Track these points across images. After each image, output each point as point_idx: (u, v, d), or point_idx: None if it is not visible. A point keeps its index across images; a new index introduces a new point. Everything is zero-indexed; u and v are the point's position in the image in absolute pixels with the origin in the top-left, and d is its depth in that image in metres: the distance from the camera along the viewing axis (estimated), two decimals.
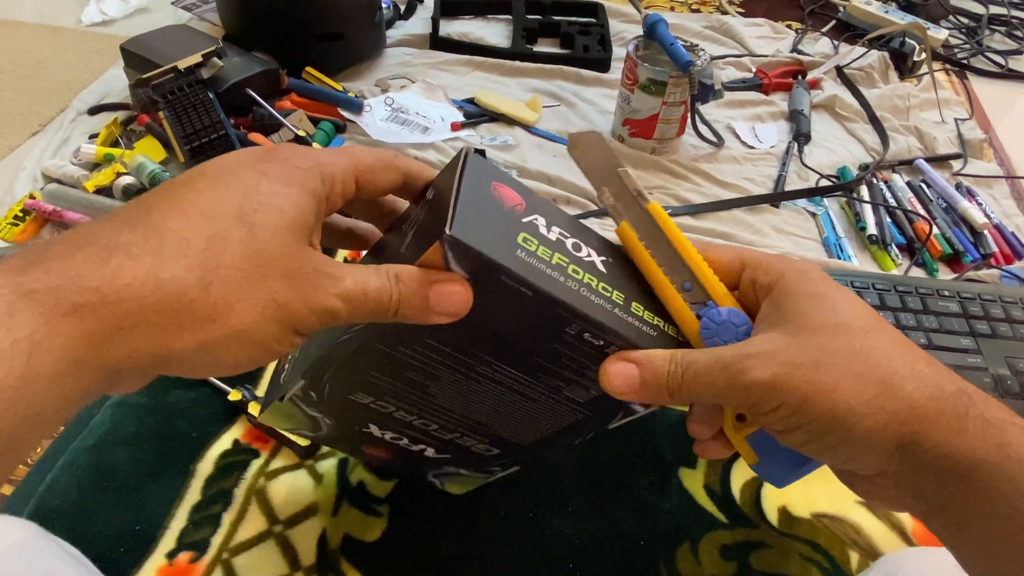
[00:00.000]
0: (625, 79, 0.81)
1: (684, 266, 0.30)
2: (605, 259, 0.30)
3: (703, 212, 0.76)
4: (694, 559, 0.46)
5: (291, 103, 0.83)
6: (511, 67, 0.97)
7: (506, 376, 0.32)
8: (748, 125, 0.91)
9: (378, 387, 0.34)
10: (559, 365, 0.31)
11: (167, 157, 0.76)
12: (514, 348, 0.30)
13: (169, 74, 0.74)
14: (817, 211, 0.78)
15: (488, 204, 0.27)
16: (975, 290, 0.61)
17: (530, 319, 0.28)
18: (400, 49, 0.99)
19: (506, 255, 0.26)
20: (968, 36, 1.17)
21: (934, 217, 0.76)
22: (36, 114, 0.85)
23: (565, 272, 0.27)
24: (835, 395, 0.26)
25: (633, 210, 0.31)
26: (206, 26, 0.98)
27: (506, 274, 0.26)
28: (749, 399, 0.27)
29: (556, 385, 0.32)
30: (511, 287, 0.26)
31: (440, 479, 0.46)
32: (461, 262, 0.26)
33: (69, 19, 1.06)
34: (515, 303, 0.27)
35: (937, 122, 0.94)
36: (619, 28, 1.09)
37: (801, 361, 0.27)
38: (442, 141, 0.82)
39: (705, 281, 0.30)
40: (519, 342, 0.30)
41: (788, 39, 1.10)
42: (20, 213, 0.68)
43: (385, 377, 0.33)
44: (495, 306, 0.27)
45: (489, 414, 0.36)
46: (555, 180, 0.78)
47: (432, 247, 0.25)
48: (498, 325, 0.29)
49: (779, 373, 0.26)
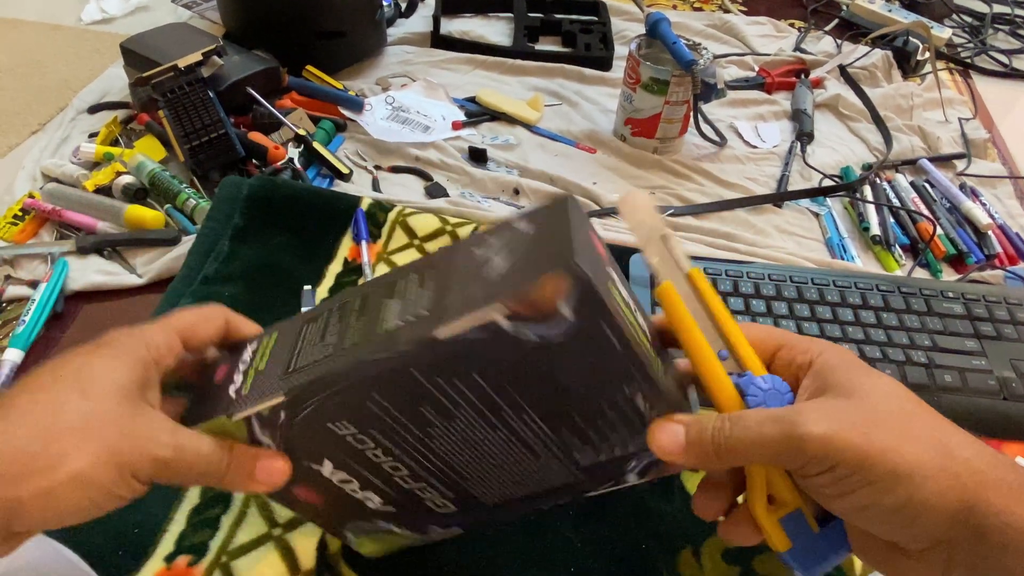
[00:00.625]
0: (627, 78, 0.81)
1: (721, 334, 0.30)
2: (645, 322, 0.29)
3: (706, 212, 0.75)
4: (696, 563, 0.45)
5: (291, 102, 0.83)
6: (512, 66, 0.96)
7: (527, 427, 0.30)
8: (751, 124, 0.90)
9: (373, 417, 0.30)
10: (592, 424, 0.30)
11: (167, 156, 0.75)
12: (558, 399, 0.29)
13: (169, 73, 0.73)
14: (820, 211, 0.77)
15: (589, 248, 0.26)
16: (979, 291, 0.61)
17: (600, 372, 0.27)
18: (401, 47, 0.99)
19: (610, 301, 0.25)
20: (972, 35, 1.16)
21: (938, 217, 0.76)
22: (35, 113, 0.85)
23: (635, 332, 0.27)
24: (897, 454, 0.25)
25: (675, 275, 0.31)
26: (206, 24, 0.98)
27: (608, 321, 0.25)
28: (803, 456, 0.26)
29: (572, 444, 0.31)
30: (604, 335, 0.26)
31: (357, 533, 0.39)
32: (570, 297, 0.24)
33: (69, 17, 1.05)
34: (597, 352, 0.26)
35: (941, 121, 0.94)
36: (621, 26, 1.08)
37: (857, 420, 0.26)
38: (443, 140, 0.82)
39: (743, 351, 0.30)
40: (569, 394, 0.28)
41: (791, 38, 1.10)
42: (19, 212, 0.68)
43: (392, 408, 0.30)
44: (574, 350, 0.26)
45: (478, 465, 0.33)
46: (556, 179, 0.78)
47: (547, 276, 0.24)
48: (562, 373, 0.27)
49: (836, 428, 0.25)
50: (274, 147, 0.74)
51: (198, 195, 0.70)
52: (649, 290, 0.59)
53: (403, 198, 0.71)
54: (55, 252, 0.64)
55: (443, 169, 0.79)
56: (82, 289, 0.62)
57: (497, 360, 0.26)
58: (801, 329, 0.57)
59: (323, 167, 0.76)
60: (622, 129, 0.84)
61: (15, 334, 0.56)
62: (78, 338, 0.59)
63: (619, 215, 0.34)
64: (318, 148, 0.76)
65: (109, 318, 0.61)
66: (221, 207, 0.65)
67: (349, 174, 0.75)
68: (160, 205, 0.70)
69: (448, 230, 0.66)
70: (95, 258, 0.65)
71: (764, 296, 0.59)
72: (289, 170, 0.74)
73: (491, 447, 0.32)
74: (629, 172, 0.81)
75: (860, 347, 0.56)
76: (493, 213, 0.69)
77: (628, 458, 0.32)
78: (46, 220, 0.69)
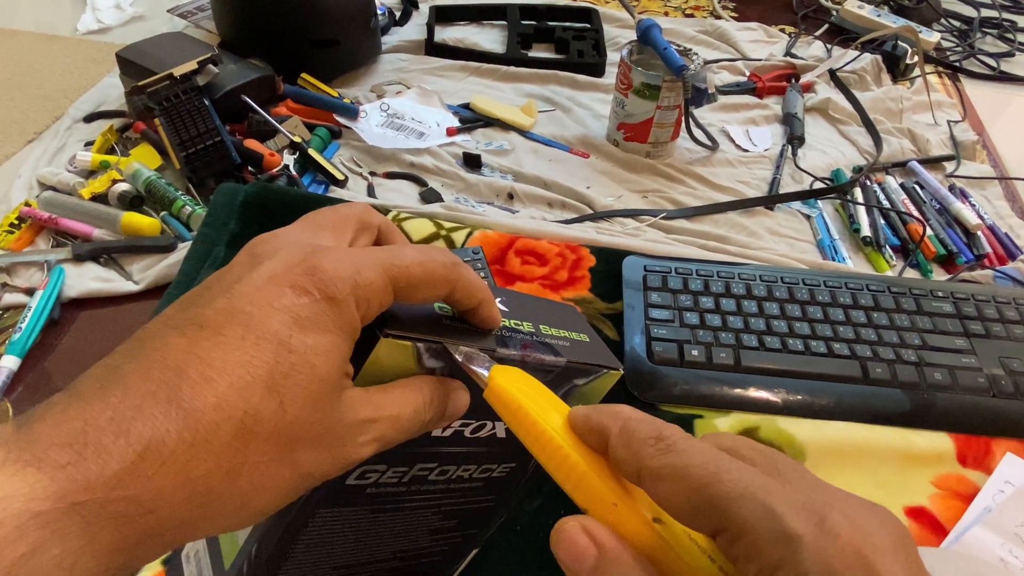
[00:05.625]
0: (619, 83, 0.82)
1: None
2: (502, 299, 0.30)
3: (698, 215, 0.76)
4: None
5: (287, 109, 0.83)
6: (506, 72, 0.97)
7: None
8: (742, 128, 0.91)
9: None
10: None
11: (163, 164, 0.76)
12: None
13: (165, 81, 0.74)
14: (811, 213, 0.78)
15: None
16: (969, 291, 0.61)
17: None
18: (395, 55, 0.99)
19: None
20: (960, 39, 1.17)
21: (928, 218, 0.76)
22: (32, 121, 0.85)
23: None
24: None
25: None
26: (202, 33, 0.98)
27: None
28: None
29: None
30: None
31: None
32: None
33: (65, 27, 1.06)
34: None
35: (930, 124, 0.95)
36: (613, 33, 1.09)
37: None
38: (438, 146, 0.83)
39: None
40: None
41: (781, 43, 1.11)
42: (16, 220, 0.68)
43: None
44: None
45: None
46: (551, 184, 0.78)
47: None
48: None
49: None
50: (269, 154, 0.75)
51: (194, 202, 0.70)
52: (642, 292, 0.60)
53: (398, 203, 0.71)
54: (51, 259, 0.65)
55: (438, 175, 0.79)
56: (78, 296, 0.62)
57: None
58: (792, 329, 0.57)
59: (318, 174, 0.76)
60: (615, 134, 0.85)
61: (12, 341, 0.56)
62: (74, 345, 0.59)
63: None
64: (313, 155, 0.77)
65: (106, 325, 0.61)
66: (217, 214, 0.66)
67: (344, 180, 0.76)
68: (156, 212, 0.70)
69: (443, 234, 0.66)
70: (91, 265, 0.65)
71: (756, 297, 0.59)
72: (285, 177, 0.74)
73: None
74: (622, 176, 0.82)
75: (851, 346, 0.56)
76: (488, 217, 0.70)
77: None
78: (42, 228, 0.69)
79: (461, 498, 0.33)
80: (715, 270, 0.62)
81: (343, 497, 0.28)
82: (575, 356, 0.29)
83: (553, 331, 0.30)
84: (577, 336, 0.31)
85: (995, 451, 0.52)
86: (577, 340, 0.31)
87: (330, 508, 0.29)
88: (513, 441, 0.25)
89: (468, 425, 0.29)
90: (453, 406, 0.26)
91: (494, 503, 0.36)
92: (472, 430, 0.29)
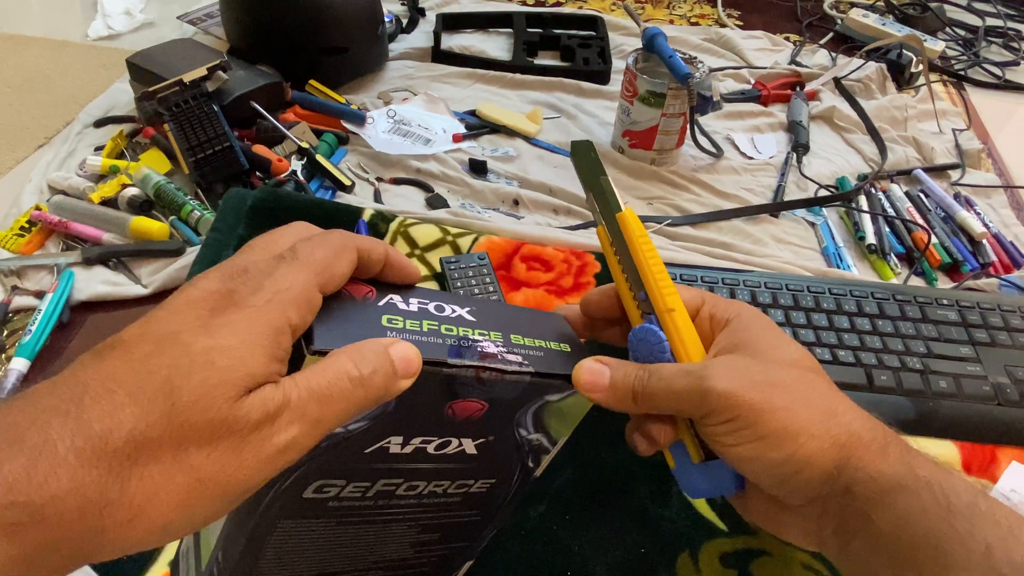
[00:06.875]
0: (625, 91, 0.82)
1: (641, 275, 0.32)
2: (470, 309, 0.30)
3: (703, 222, 0.76)
4: (694, 567, 0.46)
5: (295, 115, 0.84)
6: (512, 79, 0.98)
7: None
8: (747, 136, 0.91)
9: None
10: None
11: (172, 169, 0.76)
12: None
13: (174, 87, 0.75)
14: (816, 221, 0.78)
15: (343, 305, 0.26)
16: (974, 299, 0.61)
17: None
18: (402, 62, 1.00)
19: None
20: (965, 48, 1.18)
21: (933, 227, 0.76)
22: (42, 127, 0.86)
23: (439, 333, 0.27)
24: (789, 414, 0.28)
25: (609, 217, 0.34)
26: (211, 40, 0.99)
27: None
28: (706, 407, 0.29)
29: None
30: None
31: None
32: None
33: (76, 34, 1.07)
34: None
35: (935, 132, 0.95)
36: (619, 41, 1.10)
37: (759, 379, 0.29)
38: (444, 152, 0.83)
39: (651, 294, 0.32)
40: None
41: (786, 51, 1.11)
42: (26, 224, 0.69)
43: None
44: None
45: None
46: (556, 191, 0.79)
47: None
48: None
49: (739, 385, 0.29)
50: (277, 159, 0.76)
51: (202, 207, 0.71)
52: None
53: (404, 209, 0.72)
54: (61, 263, 0.65)
55: (444, 181, 0.80)
56: (88, 299, 0.62)
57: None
58: (797, 336, 0.58)
59: (326, 179, 0.77)
60: (620, 141, 0.85)
61: (22, 344, 0.57)
62: (83, 348, 0.59)
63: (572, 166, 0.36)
64: (321, 160, 0.77)
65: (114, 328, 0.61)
66: (225, 218, 0.66)
67: (351, 186, 0.77)
68: (165, 217, 0.71)
69: (449, 240, 0.67)
70: (101, 269, 0.66)
71: (760, 304, 0.59)
72: (292, 182, 0.75)
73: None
74: (627, 183, 0.82)
75: (856, 353, 0.56)
76: (493, 223, 0.70)
77: None
78: (52, 232, 0.70)
79: (440, 512, 0.33)
80: (720, 277, 0.62)
81: (304, 509, 0.28)
82: (544, 366, 0.28)
83: (527, 340, 0.30)
84: (556, 346, 0.31)
85: (1000, 459, 0.52)
86: (555, 350, 0.30)
87: (293, 520, 0.29)
88: (488, 457, 0.26)
89: (430, 442, 0.28)
90: (399, 354, 0.24)
91: (480, 517, 0.35)
92: (436, 447, 0.29)
